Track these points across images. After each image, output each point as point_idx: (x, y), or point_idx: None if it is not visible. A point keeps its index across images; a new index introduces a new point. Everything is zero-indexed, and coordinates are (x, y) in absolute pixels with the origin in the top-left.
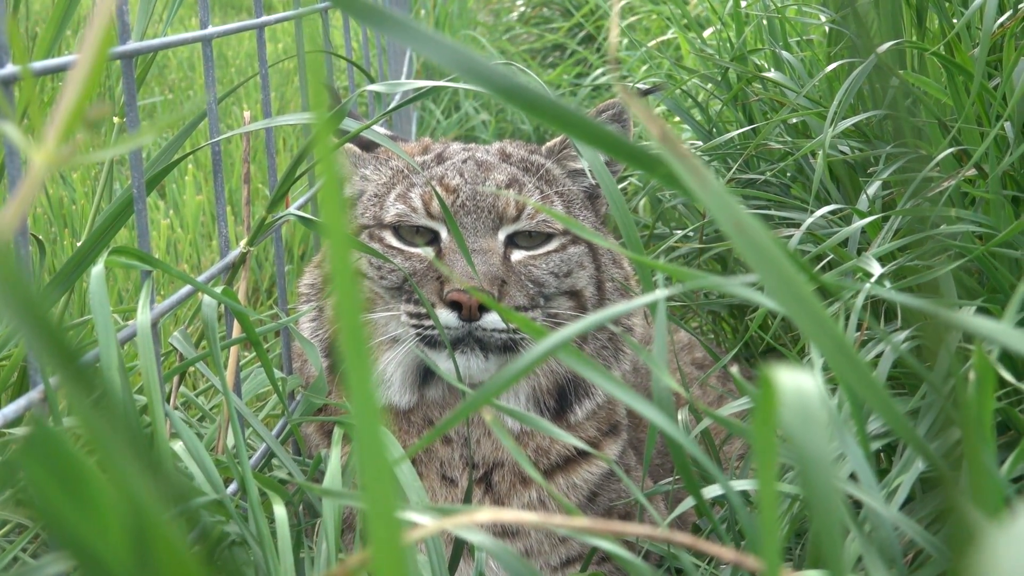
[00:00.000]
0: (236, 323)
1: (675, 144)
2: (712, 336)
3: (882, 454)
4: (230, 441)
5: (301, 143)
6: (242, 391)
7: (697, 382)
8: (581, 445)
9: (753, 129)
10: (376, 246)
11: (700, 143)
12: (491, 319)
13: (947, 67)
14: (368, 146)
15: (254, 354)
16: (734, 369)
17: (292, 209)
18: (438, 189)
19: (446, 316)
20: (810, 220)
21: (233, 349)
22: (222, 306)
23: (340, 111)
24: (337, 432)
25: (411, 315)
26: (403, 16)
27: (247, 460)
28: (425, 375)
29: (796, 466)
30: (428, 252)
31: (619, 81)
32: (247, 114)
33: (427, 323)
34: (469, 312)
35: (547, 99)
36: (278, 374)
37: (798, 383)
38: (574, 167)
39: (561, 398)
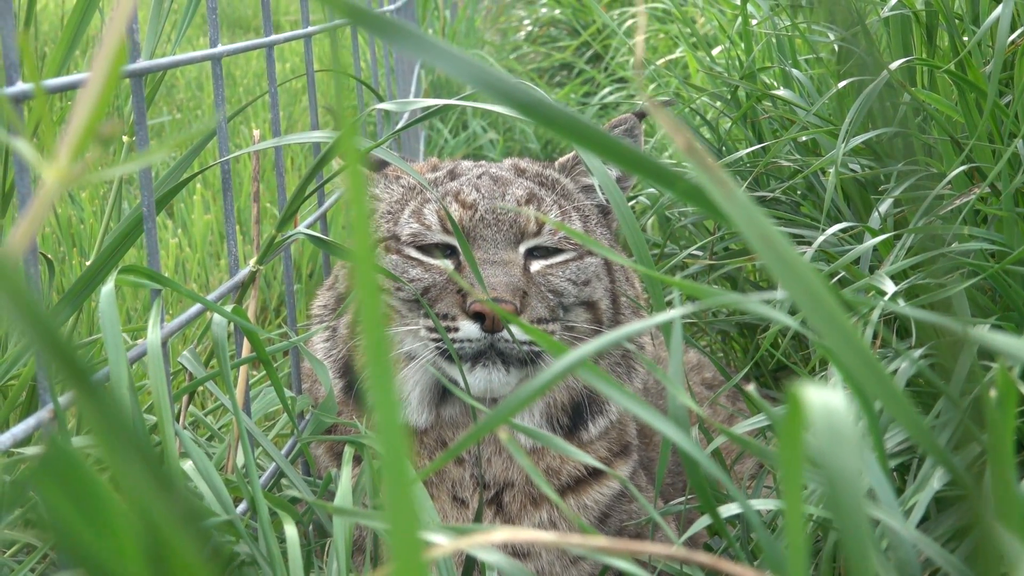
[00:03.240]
0: (246, 342)
1: (700, 156)
2: (721, 355)
3: (895, 474)
4: (240, 460)
5: (309, 162)
6: (251, 410)
7: (707, 401)
8: (595, 463)
9: (763, 147)
10: (394, 258)
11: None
12: (515, 329)
13: (958, 84)
14: (375, 166)
15: (263, 373)
16: (751, 387)
17: (302, 228)
18: (454, 205)
19: (468, 328)
20: (822, 238)
21: (242, 368)
22: (231, 325)
23: (356, 125)
24: (348, 451)
25: (431, 329)
26: (418, 30)
27: (257, 479)
28: (443, 393)
29: (821, 486)
30: (447, 264)
31: (639, 96)
32: (256, 133)
33: (449, 336)
34: (492, 323)
35: (564, 113)
36: (288, 393)
37: (827, 401)
38: (586, 182)
39: (575, 415)
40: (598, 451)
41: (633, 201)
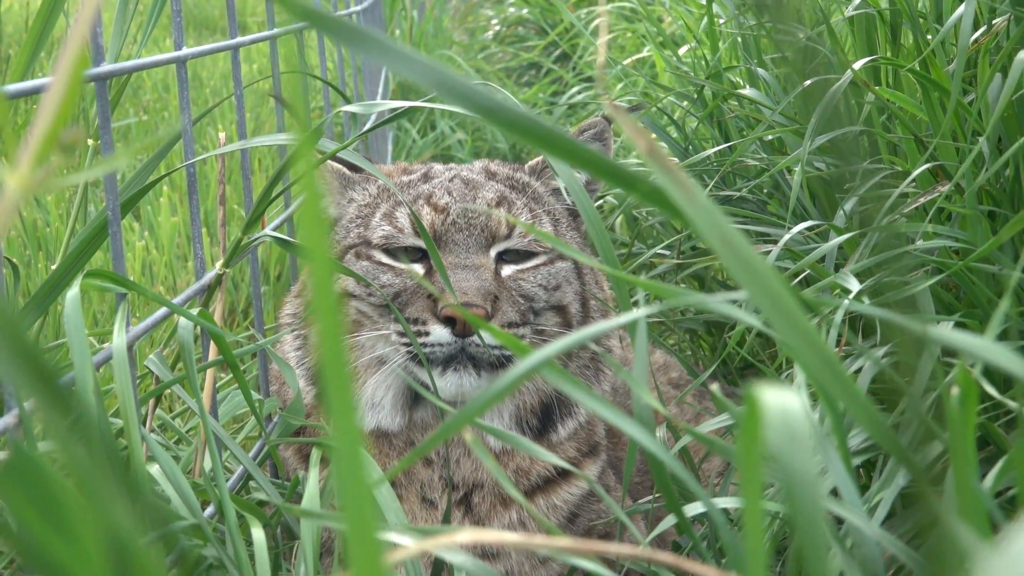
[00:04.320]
0: (213, 345)
1: (662, 159)
2: (689, 354)
3: (861, 470)
4: (207, 464)
5: (276, 164)
6: (219, 413)
7: (674, 401)
8: (564, 464)
9: (729, 146)
10: (365, 264)
11: (676, 160)
12: (485, 334)
13: (922, 83)
14: (356, 168)
15: (231, 376)
16: (715, 387)
17: (268, 230)
18: (425, 209)
19: (439, 332)
20: (787, 236)
21: (209, 371)
22: (198, 328)
23: (316, 132)
24: (315, 454)
25: (401, 333)
26: (380, 35)
27: (224, 483)
28: (415, 396)
29: (781, 485)
30: (416, 270)
31: (604, 98)
32: (222, 135)
33: (420, 340)
34: (463, 327)
35: (531, 119)
36: (255, 396)
37: (783, 402)
38: (556, 185)
39: (545, 417)
40: (567, 451)
41: (601, 201)
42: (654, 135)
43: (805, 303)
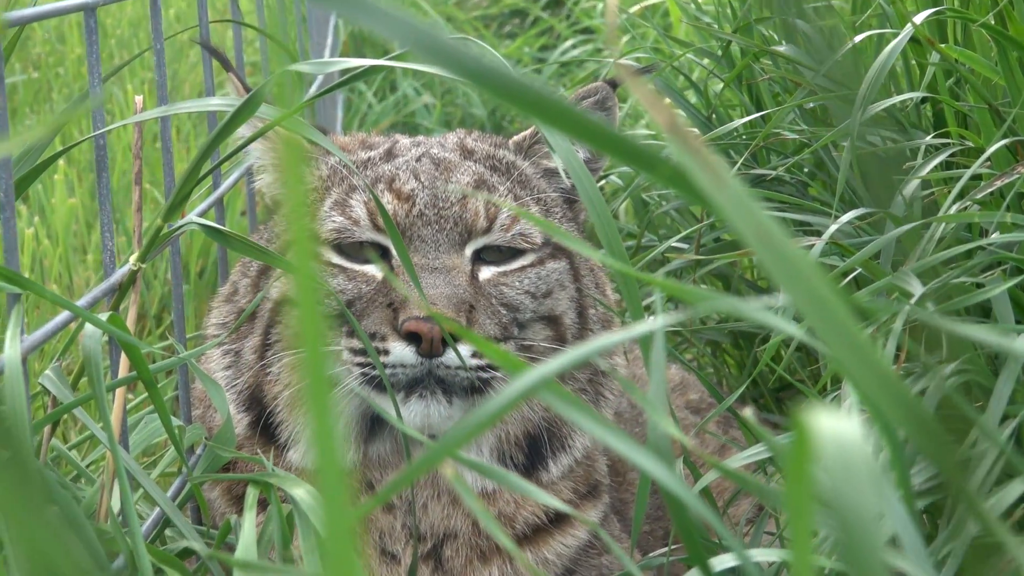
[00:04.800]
0: (123, 359)
1: (685, 135)
2: (711, 371)
3: (925, 515)
4: (115, 505)
5: (200, 135)
6: (130, 443)
7: (694, 429)
8: (559, 505)
9: (762, 115)
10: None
11: (697, 131)
12: (460, 351)
13: (998, 41)
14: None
15: (143, 397)
16: (748, 411)
17: (194, 216)
18: (387, 196)
19: (401, 351)
20: (834, 227)
21: (119, 391)
22: (105, 336)
23: (255, 98)
24: (251, 493)
25: (355, 351)
26: None
27: (138, 528)
28: (372, 426)
29: (834, 534)
30: (374, 272)
31: (608, 56)
32: (139, 100)
33: (380, 359)
34: (431, 346)
35: (522, 83)
36: (175, 422)
37: (840, 430)
38: (548, 165)
39: (532, 451)
40: (561, 493)
41: (603, 182)
42: (669, 100)
43: (859, 308)
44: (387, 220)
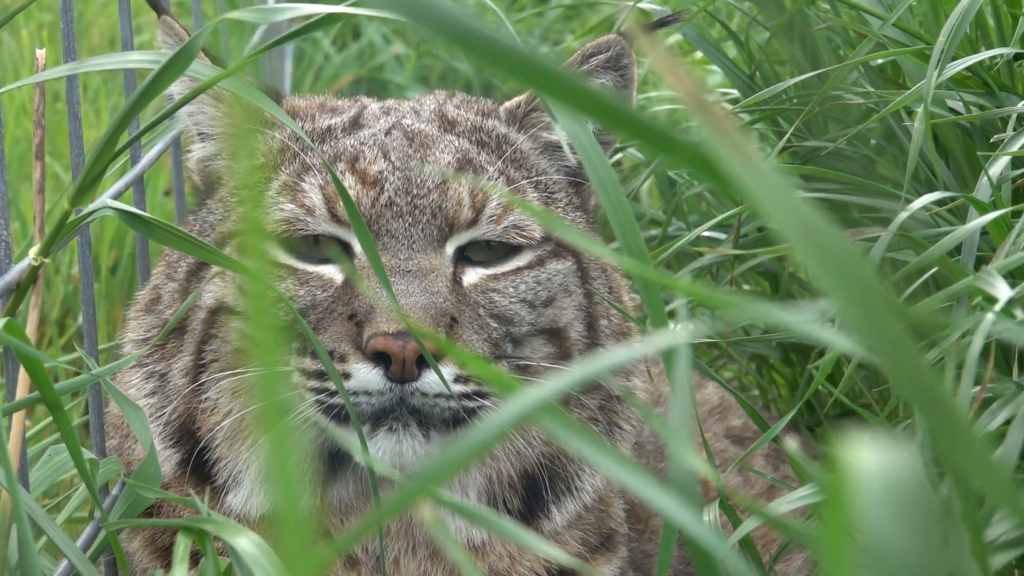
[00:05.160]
0: (22, 376)
1: (709, 109)
2: (757, 393)
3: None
4: (13, 557)
5: (111, 93)
6: (30, 481)
7: (733, 464)
8: (565, 559)
9: (818, 74)
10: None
11: (737, 93)
12: (435, 378)
13: None
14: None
15: (46, 422)
16: (791, 443)
17: (107, 199)
18: (349, 179)
19: (366, 374)
20: (904, 215)
21: (16, 416)
22: None
23: (186, 51)
24: (182, 543)
25: (308, 373)
26: None
27: None
28: (332, 465)
29: None
30: (331, 274)
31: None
32: (41, 53)
33: (334, 385)
34: (402, 368)
35: (515, 48)
36: (87, 455)
37: (886, 465)
38: (549, 138)
39: (531, 495)
40: (567, 545)
41: (619, 156)
42: (702, 53)
43: (927, 320)
44: (351, 209)
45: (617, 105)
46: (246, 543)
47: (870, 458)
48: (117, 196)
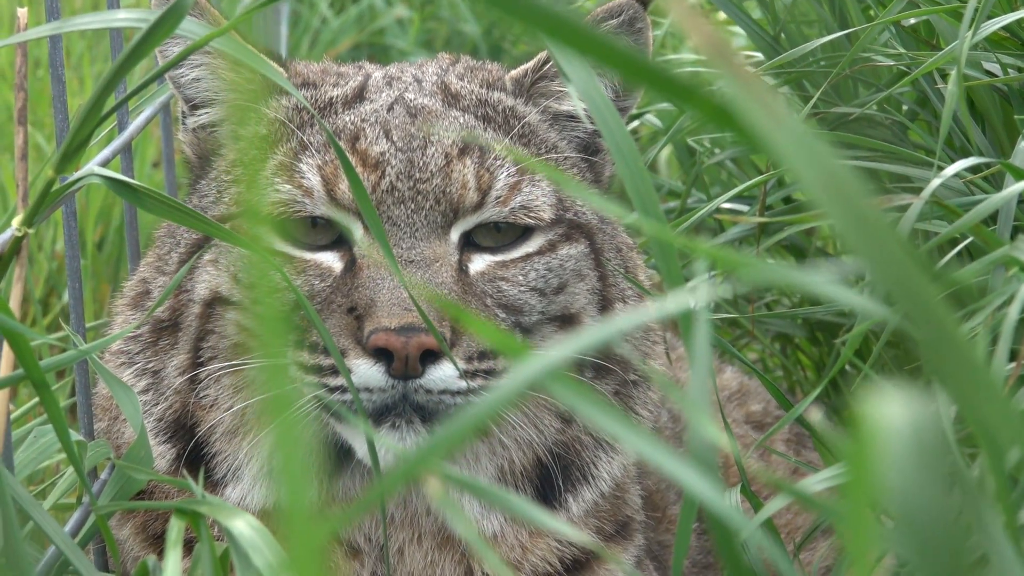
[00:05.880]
0: (6, 352)
1: (732, 61)
2: (781, 374)
3: None
4: None
5: (96, 60)
6: (15, 463)
7: (755, 445)
8: (582, 538)
9: (847, 35)
10: (244, 250)
11: (761, 56)
12: (440, 375)
13: None
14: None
15: (31, 403)
16: (816, 414)
17: (95, 166)
18: (351, 160)
19: (367, 371)
20: (937, 182)
21: (2, 394)
22: None
23: (176, 8)
24: (176, 527)
25: (308, 367)
26: None
27: (33, 572)
28: (339, 458)
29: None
30: (328, 262)
31: None
32: (22, 12)
33: (336, 381)
34: (405, 364)
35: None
36: (74, 436)
37: (909, 418)
38: (560, 109)
39: (545, 485)
40: (581, 534)
41: (636, 123)
42: (724, 13)
43: (960, 289)
44: (359, 190)
45: (638, 56)
46: (243, 526)
47: (893, 411)
48: (104, 165)
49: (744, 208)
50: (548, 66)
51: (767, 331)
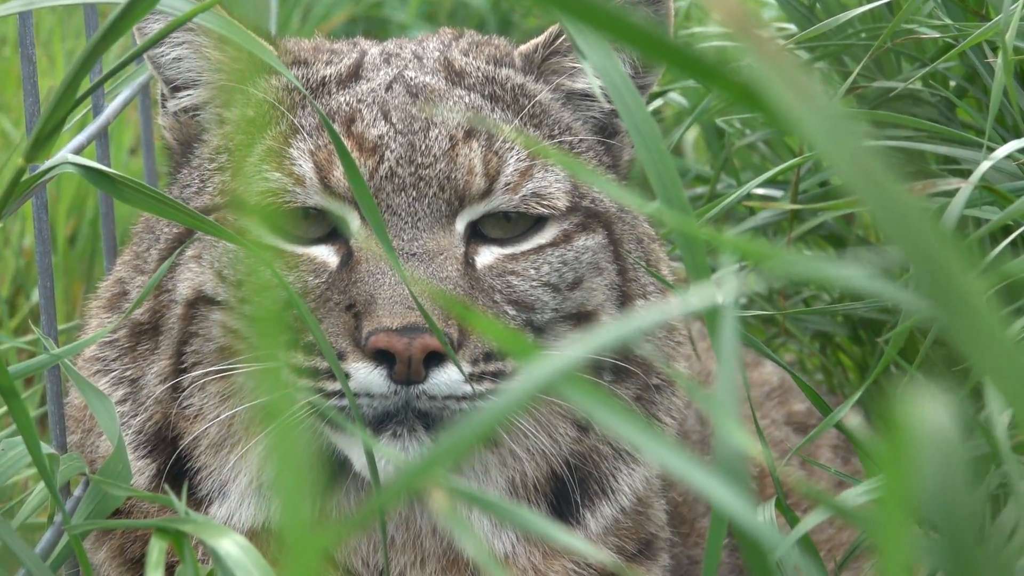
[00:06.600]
0: None
1: (759, 40)
2: (821, 377)
3: None
4: None
5: (67, 37)
6: None
7: (791, 452)
8: (601, 557)
9: (888, 4)
10: (230, 244)
11: (794, 27)
12: (445, 379)
13: None
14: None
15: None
16: (853, 419)
17: (69, 154)
18: (346, 145)
19: (366, 374)
20: (986, 165)
21: None
22: None
23: None
24: (157, 547)
25: (302, 371)
26: None
27: None
28: (334, 473)
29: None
30: (323, 256)
31: None
32: None
33: (333, 386)
34: (408, 368)
35: None
36: (45, 449)
37: (940, 423)
38: (573, 87)
39: (561, 501)
40: (600, 553)
41: (658, 102)
42: None
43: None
44: (354, 176)
45: (656, 31)
46: (231, 546)
47: (927, 417)
48: (78, 152)
49: (778, 194)
50: (561, 40)
51: (805, 329)
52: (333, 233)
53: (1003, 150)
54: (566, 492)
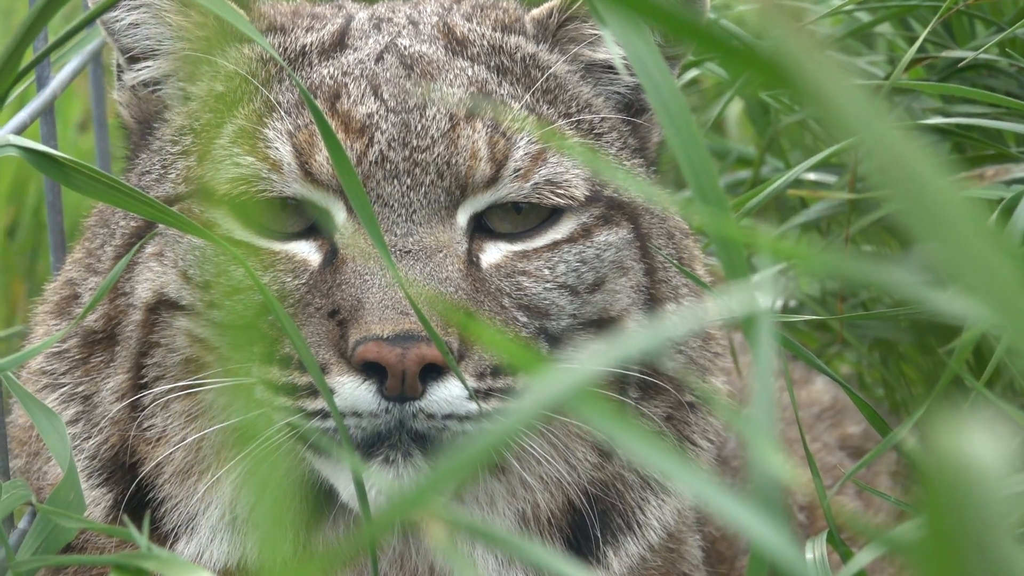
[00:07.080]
0: None
1: (780, 12)
2: (882, 393)
3: None
4: None
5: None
6: None
7: (844, 478)
8: None
9: None
10: (196, 241)
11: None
12: (445, 395)
13: None
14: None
15: None
16: (911, 440)
17: (9, 134)
18: (330, 125)
19: (353, 391)
20: None
21: None
22: None
23: None
24: None
25: (279, 387)
26: None
27: None
28: (319, 504)
29: None
30: (305, 253)
31: None
32: None
33: (315, 404)
34: (402, 383)
35: None
36: None
37: (976, 453)
38: (593, 57)
39: (579, 536)
40: None
41: (695, 71)
42: None
43: None
44: (340, 161)
45: (681, 7)
46: None
47: (974, 447)
48: (20, 131)
49: (831, 179)
50: (579, 3)
51: (863, 336)
52: (315, 227)
53: None
54: (585, 526)
